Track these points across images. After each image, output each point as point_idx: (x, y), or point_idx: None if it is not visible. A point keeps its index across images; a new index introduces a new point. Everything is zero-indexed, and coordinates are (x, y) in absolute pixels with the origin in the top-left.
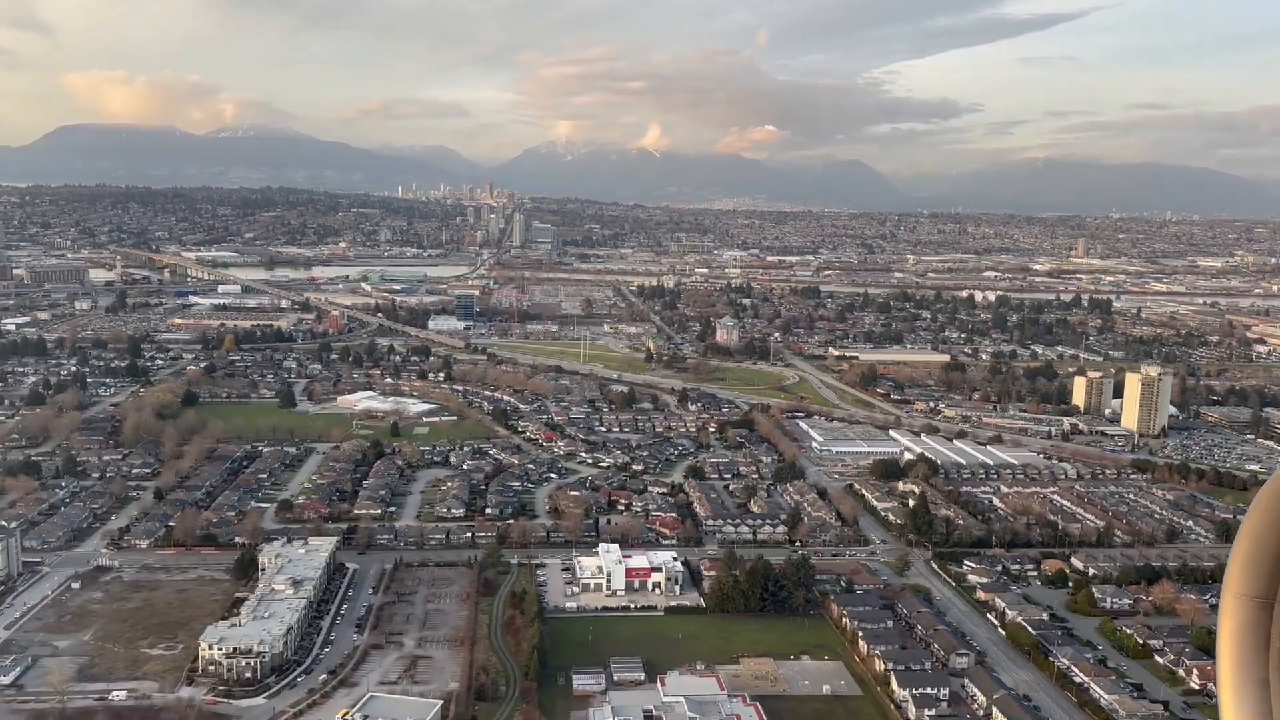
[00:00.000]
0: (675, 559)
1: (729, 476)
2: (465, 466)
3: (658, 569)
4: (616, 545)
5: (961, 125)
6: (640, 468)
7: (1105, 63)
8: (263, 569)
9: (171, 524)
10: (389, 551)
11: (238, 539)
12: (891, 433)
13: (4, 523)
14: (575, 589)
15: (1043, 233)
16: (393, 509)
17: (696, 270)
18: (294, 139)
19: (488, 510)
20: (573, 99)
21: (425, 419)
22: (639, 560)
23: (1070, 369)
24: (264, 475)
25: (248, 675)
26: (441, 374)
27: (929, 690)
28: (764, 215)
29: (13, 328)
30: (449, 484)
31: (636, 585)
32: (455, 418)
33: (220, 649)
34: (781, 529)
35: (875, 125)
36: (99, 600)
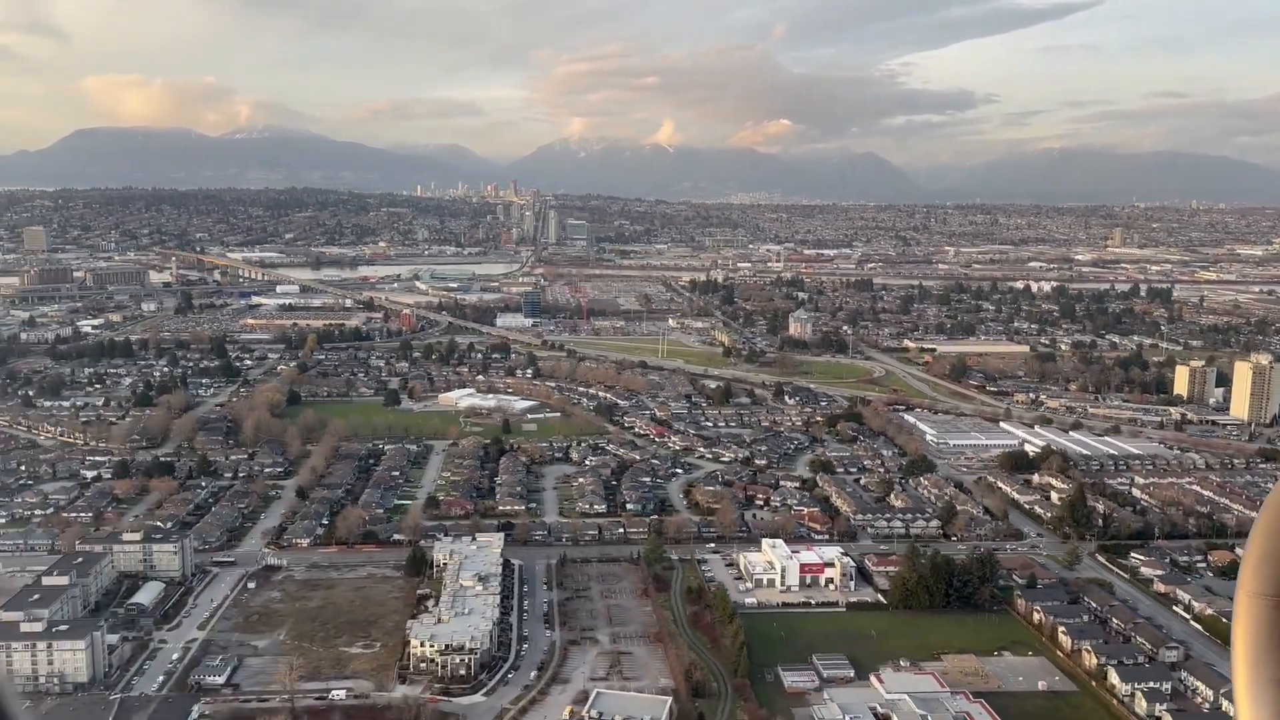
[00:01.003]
0: (843, 554)
1: (854, 471)
2: (588, 463)
3: (830, 564)
4: (780, 541)
5: (977, 116)
6: (763, 463)
7: (1123, 51)
8: (437, 565)
9: (325, 522)
10: (545, 548)
11: (396, 536)
12: (1003, 425)
13: (158, 523)
14: (748, 584)
15: (1075, 222)
16: (533, 505)
17: (739, 265)
18: (309, 139)
19: (628, 506)
20: (586, 96)
21: (530, 416)
22: (810, 556)
23: (1156, 358)
24: (395, 473)
25: (461, 672)
26: (529, 371)
27: (1153, 684)
28: (790, 209)
29: (90, 329)
30: (580, 480)
31: (809, 581)
32: (559, 414)
33: (432, 646)
34: (935, 524)
35: (891, 117)
36: (279, 600)
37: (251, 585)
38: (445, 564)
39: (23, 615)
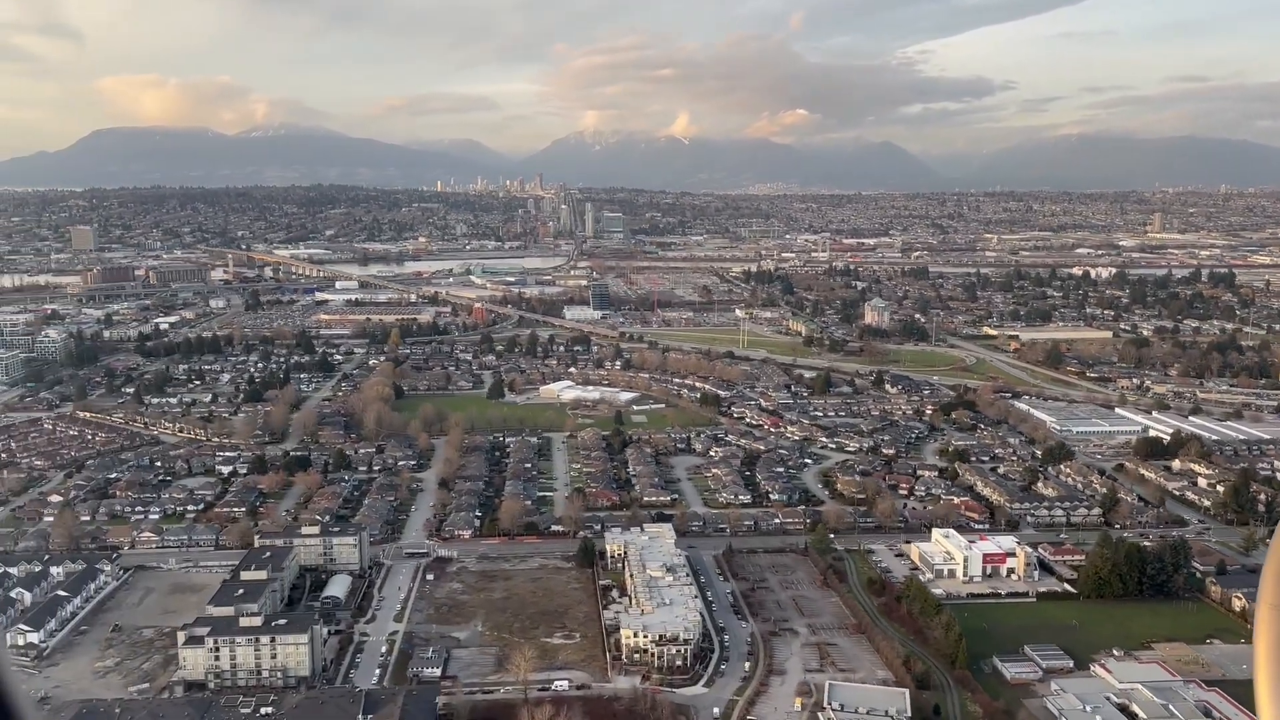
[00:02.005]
0: (1019, 543)
1: (986, 459)
2: (714, 454)
3: (1012, 554)
4: (953, 530)
5: (995, 103)
6: (890, 452)
7: (1141, 36)
8: (610, 556)
9: (478, 514)
10: (701, 538)
11: (555, 527)
12: (1119, 411)
13: (317, 516)
14: (928, 575)
15: (1110, 208)
16: (674, 496)
17: (784, 254)
18: (325, 137)
19: (772, 496)
20: (600, 89)
21: (636, 408)
22: (989, 545)
23: (1246, 342)
24: (527, 465)
25: (677, 663)
26: (616, 363)
27: None
28: (819, 199)
29: (166, 326)
30: (715, 470)
31: (989, 571)
32: (664, 406)
33: (645, 637)
34: (1096, 512)
35: (907, 106)
36: (461, 591)
37: (430, 577)
38: (620, 555)
39: (234, 610)
